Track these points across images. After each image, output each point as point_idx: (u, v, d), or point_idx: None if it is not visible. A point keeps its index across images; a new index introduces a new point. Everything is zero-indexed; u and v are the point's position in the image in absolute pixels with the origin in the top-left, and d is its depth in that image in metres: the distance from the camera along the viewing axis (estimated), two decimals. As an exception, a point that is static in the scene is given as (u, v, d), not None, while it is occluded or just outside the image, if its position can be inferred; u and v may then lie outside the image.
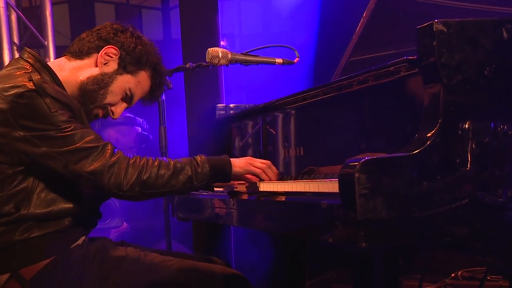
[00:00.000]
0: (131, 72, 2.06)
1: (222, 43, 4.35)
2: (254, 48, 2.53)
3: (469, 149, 1.54)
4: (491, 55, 1.57)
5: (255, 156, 2.49)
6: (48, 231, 1.87)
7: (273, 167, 2.09)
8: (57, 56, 4.41)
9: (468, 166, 1.53)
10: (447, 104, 1.54)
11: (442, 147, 1.52)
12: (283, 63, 2.52)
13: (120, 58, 2.03)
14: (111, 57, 2.03)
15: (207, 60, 2.49)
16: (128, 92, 2.07)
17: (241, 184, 2.13)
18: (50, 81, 1.91)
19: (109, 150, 1.83)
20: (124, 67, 2.04)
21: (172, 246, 3.09)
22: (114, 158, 1.82)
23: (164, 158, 1.92)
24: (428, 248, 2.71)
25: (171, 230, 3.06)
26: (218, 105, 3.19)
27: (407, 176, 1.47)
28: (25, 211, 1.83)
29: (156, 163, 1.88)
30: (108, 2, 7.88)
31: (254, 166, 2.05)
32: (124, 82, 2.05)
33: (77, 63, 2.03)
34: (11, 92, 1.78)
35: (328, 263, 3.58)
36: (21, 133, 1.78)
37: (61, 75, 1.98)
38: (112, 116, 2.09)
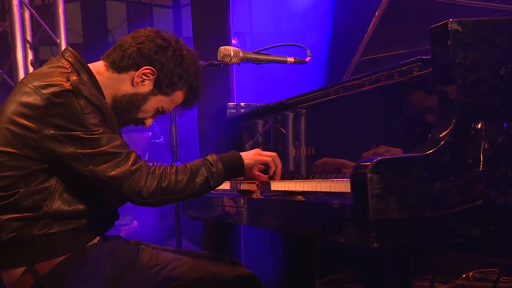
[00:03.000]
0: (166, 94, 2.07)
1: (233, 41, 4.34)
2: (266, 47, 2.52)
3: (482, 149, 1.52)
4: (506, 55, 1.56)
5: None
6: (67, 228, 1.89)
7: (279, 159, 2.11)
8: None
9: (481, 166, 1.52)
10: (461, 104, 1.53)
11: (455, 148, 1.50)
12: (294, 62, 2.51)
13: (156, 79, 2.03)
14: (148, 76, 2.02)
15: (219, 58, 2.49)
16: (160, 109, 2.11)
17: (252, 183, 2.13)
18: (87, 82, 1.94)
19: (132, 158, 1.85)
20: (159, 88, 2.05)
21: (182, 245, 3.09)
22: (136, 166, 1.84)
23: (179, 163, 1.94)
24: (439, 249, 2.69)
25: (181, 228, 3.06)
26: (229, 103, 3.19)
27: (420, 176, 1.46)
28: (47, 208, 1.86)
29: (174, 170, 1.90)
30: (120, 0, 7.89)
31: (262, 156, 2.08)
32: (158, 102, 2.08)
33: (114, 75, 2.03)
34: (48, 90, 1.82)
35: (339, 263, 3.57)
36: (52, 131, 1.81)
37: (99, 78, 2.00)
38: (143, 126, 2.15)
